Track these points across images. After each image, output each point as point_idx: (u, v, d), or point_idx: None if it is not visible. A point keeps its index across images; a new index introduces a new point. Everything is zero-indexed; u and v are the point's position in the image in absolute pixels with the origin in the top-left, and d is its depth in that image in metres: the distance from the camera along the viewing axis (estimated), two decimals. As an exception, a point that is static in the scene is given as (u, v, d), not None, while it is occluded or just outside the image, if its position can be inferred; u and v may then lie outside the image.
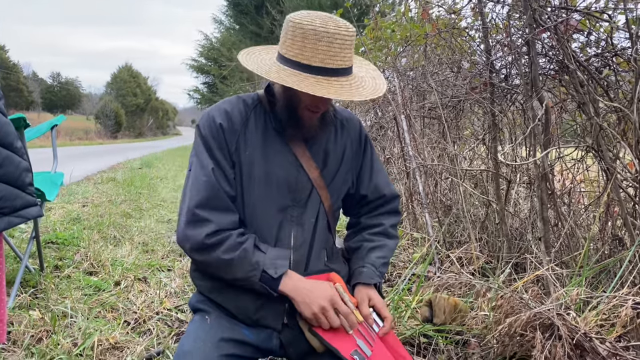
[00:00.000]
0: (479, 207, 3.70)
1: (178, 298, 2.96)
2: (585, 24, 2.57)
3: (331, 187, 1.62)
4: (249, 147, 1.54)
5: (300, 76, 1.39)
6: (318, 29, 1.36)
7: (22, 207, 2.22)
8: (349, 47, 1.41)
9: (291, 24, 1.41)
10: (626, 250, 2.41)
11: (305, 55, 1.39)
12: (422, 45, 3.98)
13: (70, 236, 4.11)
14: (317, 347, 1.50)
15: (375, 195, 1.72)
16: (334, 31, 1.37)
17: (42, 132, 3.42)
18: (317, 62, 1.38)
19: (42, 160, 4.75)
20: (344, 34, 1.38)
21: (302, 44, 1.38)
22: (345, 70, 1.42)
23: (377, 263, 1.64)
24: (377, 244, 1.68)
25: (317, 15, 1.41)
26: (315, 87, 1.37)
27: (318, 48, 1.37)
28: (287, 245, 1.54)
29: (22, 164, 2.24)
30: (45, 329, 2.35)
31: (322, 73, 1.39)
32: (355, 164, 1.69)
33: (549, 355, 1.69)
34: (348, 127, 1.68)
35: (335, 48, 1.38)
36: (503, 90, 2.98)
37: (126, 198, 6.78)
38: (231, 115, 1.54)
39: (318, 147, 1.60)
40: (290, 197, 1.55)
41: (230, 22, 25.91)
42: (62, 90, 67.91)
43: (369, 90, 1.46)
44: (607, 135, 2.44)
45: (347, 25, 1.40)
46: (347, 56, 1.41)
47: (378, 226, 1.71)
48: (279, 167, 1.54)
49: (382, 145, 4.98)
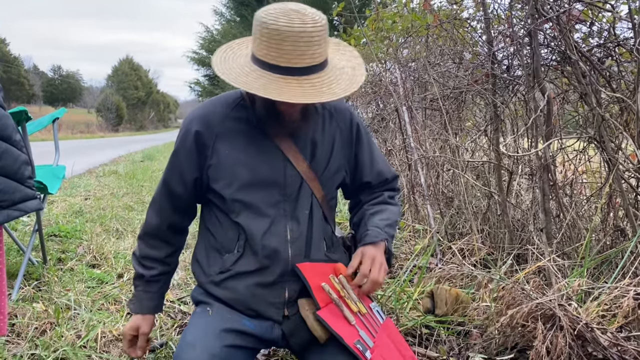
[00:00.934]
0: (480, 198, 3.70)
1: (181, 290, 2.98)
2: (588, 14, 2.55)
3: (323, 177, 1.60)
4: (229, 146, 1.54)
5: (268, 78, 1.35)
6: (282, 29, 1.30)
7: (20, 200, 2.22)
8: (318, 43, 1.34)
9: (257, 22, 1.36)
10: (628, 241, 2.41)
11: (272, 55, 1.34)
12: (424, 36, 3.96)
13: (72, 229, 4.12)
14: (319, 336, 1.51)
15: (378, 180, 1.72)
16: (299, 29, 1.30)
17: (44, 125, 3.42)
18: (284, 62, 1.33)
19: (44, 153, 4.76)
20: (310, 31, 1.32)
21: (268, 44, 1.34)
22: (317, 67, 1.37)
23: (380, 224, 1.62)
24: (377, 209, 1.68)
25: (283, 11, 1.33)
26: (283, 90, 1.33)
27: (284, 48, 1.32)
28: (284, 238, 1.54)
29: (21, 157, 2.23)
30: (48, 321, 2.36)
31: (291, 73, 1.34)
32: (347, 153, 1.66)
33: (551, 345, 1.70)
34: (337, 117, 1.65)
35: (302, 47, 1.32)
36: (505, 81, 2.97)
37: (128, 191, 6.79)
38: (209, 118, 1.55)
39: (305, 138, 1.58)
40: (280, 193, 1.55)
41: (231, 14, 25.80)
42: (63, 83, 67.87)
43: (343, 86, 1.40)
44: (609, 126, 2.44)
45: (314, 20, 1.33)
46: (317, 52, 1.35)
47: (377, 197, 1.72)
48: (265, 163, 1.54)
49: (384, 137, 4.98)
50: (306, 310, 1.53)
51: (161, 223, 1.67)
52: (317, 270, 1.56)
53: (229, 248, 1.58)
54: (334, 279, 1.55)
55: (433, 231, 3.16)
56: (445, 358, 2.08)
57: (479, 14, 3.31)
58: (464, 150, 3.79)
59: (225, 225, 1.59)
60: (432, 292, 2.37)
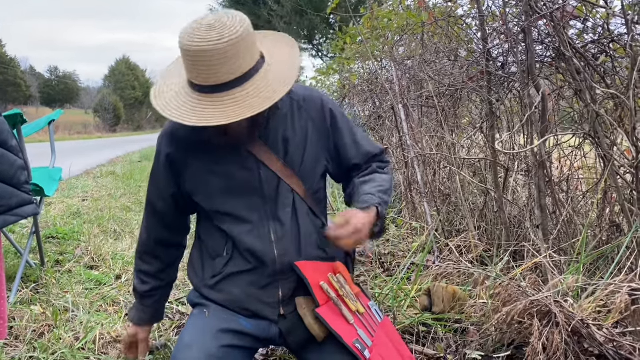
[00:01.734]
0: (477, 195, 3.71)
1: (179, 290, 2.98)
2: (582, 11, 2.56)
3: (301, 172, 1.57)
4: (200, 158, 1.54)
5: (193, 101, 1.34)
6: (191, 49, 1.29)
7: (17, 205, 2.23)
8: (234, 57, 1.29)
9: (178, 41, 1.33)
10: (624, 236, 2.41)
11: (192, 75, 1.34)
12: (419, 34, 3.96)
13: (70, 231, 4.12)
14: (317, 335, 1.51)
15: (366, 159, 1.69)
16: (205, 48, 1.27)
17: (40, 127, 3.42)
18: (201, 80, 1.32)
19: (41, 154, 4.75)
20: (219, 49, 1.27)
21: (185, 63, 1.34)
22: (239, 80, 1.32)
23: (372, 190, 1.57)
24: (368, 179, 1.63)
25: (192, 29, 1.30)
26: (205, 112, 1.31)
27: (195, 67, 1.31)
28: (268, 239, 1.54)
29: (17, 162, 2.24)
30: (47, 323, 2.36)
31: (212, 91, 1.32)
32: (325, 142, 1.62)
33: (547, 342, 1.70)
34: (307, 107, 1.60)
35: (215, 65, 1.29)
36: (500, 78, 2.97)
37: (126, 192, 6.79)
38: (176, 135, 1.57)
39: (274, 136, 1.55)
40: (258, 195, 1.54)
41: (228, 14, 25.75)
42: (60, 84, 67.72)
43: (267, 94, 1.33)
44: (604, 122, 2.44)
45: (220, 35, 1.27)
46: (235, 67, 1.30)
47: (367, 169, 1.68)
48: (238, 169, 1.53)
49: (381, 135, 4.98)
50: (304, 309, 1.54)
51: (149, 239, 1.72)
52: (316, 268, 1.56)
53: (219, 252, 1.59)
54: (332, 278, 1.56)
55: (430, 229, 3.17)
56: (442, 356, 2.09)
57: (473, 11, 3.31)
58: (460, 147, 3.79)
59: (213, 231, 1.61)
60: (429, 289, 2.37)
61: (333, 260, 1.63)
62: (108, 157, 13.63)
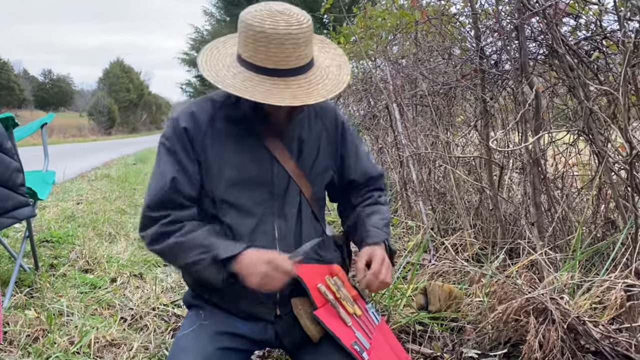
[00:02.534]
0: (472, 193, 3.71)
1: (174, 293, 2.97)
2: (575, 8, 2.56)
3: (310, 175, 1.60)
4: (217, 144, 1.52)
5: (254, 80, 1.36)
6: (267, 31, 1.31)
7: (13, 207, 2.21)
8: (304, 44, 1.36)
9: (243, 23, 1.36)
10: (619, 232, 2.42)
11: (259, 57, 1.35)
12: (413, 32, 3.96)
13: (65, 234, 4.10)
14: (312, 335, 1.50)
15: (364, 178, 1.71)
16: (284, 31, 1.31)
17: (32, 130, 3.40)
18: (270, 64, 1.34)
19: (35, 158, 4.72)
20: (296, 33, 1.33)
21: (255, 46, 1.35)
22: (303, 68, 1.38)
23: (379, 224, 1.63)
24: (372, 210, 1.68)
25: (269, 12, 1.34)
26: (270, 92, 1.34)
27: (270, 50, 1.33)
28: (272, 236, 1.54)
29: (13, 165, 2.23)
30: (41, 328, 2.34)
31: (278, 74, 1.35)
32: (333, 150, 1.66)
33: (543, 339, 1.70)
34: (322, 115, 1.65)
35: (288, 49, 1.33)
36: (494, 76, 2.98)
37: (121, 194, 6.76)
38: (197, 116, 1.53)
39: (292, 137, 1.58)
40: (267, 191, 1.54)
41: (221, 14, 25.72)
42: (53, 87, 67.47)
43: (330, 86, 1.41)
44: (598, 118, 2.44)
45: (299, 21, 1.34)
46: (303, 53, 1.36)
47: (368, 199, 1.72)
48: (252, 162, 1.53)
49: (376, 134, 4.98)
50: (299, 310, 1.53)
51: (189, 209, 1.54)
52: (313, 271, 1.55)
53: None
54: (329, 280, 1.55)
55: (426, 227, 3.17)
56: (439, 354, 2.09)
57: (466, 9, 3.31)
58: (455, 146, 3.79)
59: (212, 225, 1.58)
60: (426, 288, 2.37)
61: (330, 263, 1.62)
62: (103, 160, 13.58)
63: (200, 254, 1.43)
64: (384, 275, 1.51)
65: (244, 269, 1.42)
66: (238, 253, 1.43)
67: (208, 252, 1.43)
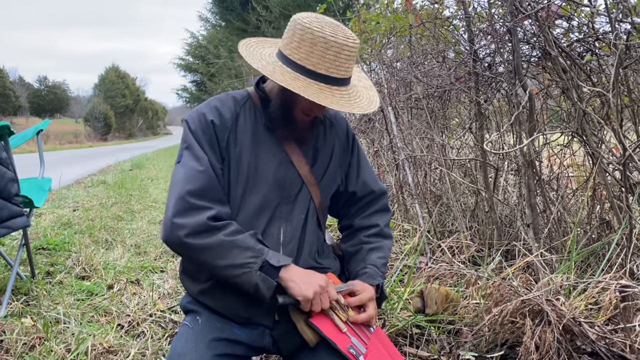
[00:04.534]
0: (468, 195, 3.72)
1: (171, 299, 2.96)
2: (567, 10, 2.57)
3: (322, 183, 1.64)
4: (238, 144, 1.54)
5: (304, 81, 1.40)
6: (328, 38, 1.38)
7: (8, 217, 2.21)
8: (353, 58, 1.44)
9: (299, 26, 1.41)
10: (614, 233, 2.43)
11: (312, 61, 1.40)
12: (407, 36, 3.98)
13: (61, 241, 4.09)
14: (309, 340, 1.50)
15: (364, 191, 1.73)
16: (342, 42, 1.39)
17: (28, 138, 3.39)
18: (322, 69, 1.40)
19: (31, 165, 4.72)
20: (351, 46, 1.41)
21: (310, 50, 1.40)
22: (346, 80, 1.46)
23: (378, 263, 1.66)
24: (375, 245, 1.69)
25: (327, 22, 1.42)
26: (320, 95, 1.39)
27: (326, 56, 1.39)
28: (277, 241, 1.55)
29: (7, 175, 2.22)
30: (38, 336, 2.33)
31: (325, 81, 1.41)
32: (343, 161, 1.71)
33: (539, 341, 1.71)
34: (336, 126, 1.70)
35: (342, 58, 1.41)
36: (487, 78, 2.99)
37: (117, 200, 6.75)
38: (222, 111, 1.55)
39: (308, 144, 1.62)
40: (279, 194, 1.56)
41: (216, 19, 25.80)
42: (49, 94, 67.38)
43: (365, 103, 1.49)
44: (591, 119, 2.46)
45: (353, 37, 1.43)
46: (350, 67, 1.45)
47: (374, 227, 1.72)
48: (269, 163, 1.56)
49: (371, 138, 4.99)
50: (296, 314, 1.53)
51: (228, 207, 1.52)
52: None
53: None
54: None
55: (422, 230, 3.17)
56: (436, 357, 2.09)
57: (460, 12, 3.33)
58: (450, 148, 3.80)
59: None
60: (422, 291, 2.37)
61: (326, 270, 1.63)
62: (99, 166, 13.55)
63: (251, 257, 1.39)
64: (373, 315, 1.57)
65: (299, 278, 1.42)
66: (288, 264, 1.43)
67: (259, 256, 1.40)
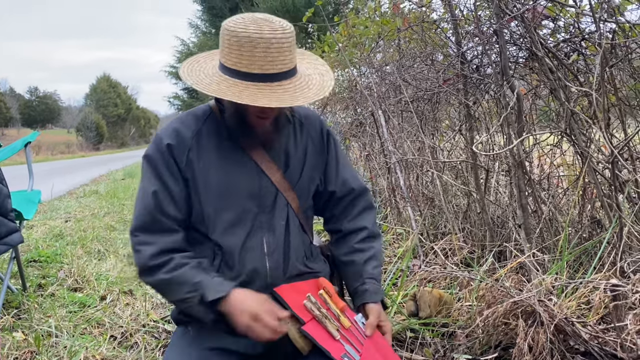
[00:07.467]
0: (460, 197, 3.72)
1: (165, 309, 2.94)
2: (553, 10, 2.58)
3: (298, 187, 1.59)
4: (202, 159, 1.52)
5: (240, 86, 1.36)
6: (252, 36, 1.33)
7: (6, 234, 2.17)
8: (288, 50, 1.38)
9: (226, 31, 1.38)
10: (605, 231, 2.43)
11: (244, 63, 1.36)
12: (395, 40, 3.99)
13: (53, 253, 4.06)
14: (301, 348, 1.49)
15: (344, 190, 1.69)
16: (269, 36, 1.34)
17: (16, 150, 3.37)
18: (256, 69, 1.36)
19: (21, 176, 4.68)
20: (280, 38, 1.35)
21: (239, 52, 1.36)
22: (288, 73, 1.40)
23: (375, 274, 1.63)
24: (369, 254, 1.66)
25: (252, 19, 1.37)
26: (257, 96, 1.34)
27: (255, 55, 1.35)
28: (261, 252, 1.52)
29: (4, 191, 2.19)
30: (29, 350, 2.32)
31: (263, 79, 1.36)
32: (319, 161, 1.66)
33: (532, 342, 1.70)
34: (307, 125, 1.65)
35: (273, 53, 1.35)
36: (476, 80, 3.00)
37: (109, 210, 6.72)
38: (180, 131, 1.53)
39: (278, 149, 1.57)
40: (255, 204, 1.53)
41: (206, 26, 25.75)
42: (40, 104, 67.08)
43: (315, 91, 1.43)
44: (579, 119, 2.47)
45: (283, 28, 1.37)
46: (288, 58, 1.38)
47: (362, 230, 1.68)
48: (239, 175, 1.52)
49: (363, 142, 4.99)
50: (288, 323, 1.52)
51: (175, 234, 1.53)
52: (295, 290, 1.54)
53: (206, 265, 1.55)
54: (311, 298, 1.53)
55: (414, 232, 3.17)
56: (431, 361, 2.08)
57: (447, 15, 3.34)
58: (441, 150, 3.81)
59: (200, 244, 1.57)
60: (415, 295, 2.37)
61: (317, 275, 1.61)
62: (91, 176, 13.50)
63: (188, 293, 1.41)
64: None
65: (232, 310, 1.41)
66: (225, 295, 1.41)
67: (196, 290, 1.41)
